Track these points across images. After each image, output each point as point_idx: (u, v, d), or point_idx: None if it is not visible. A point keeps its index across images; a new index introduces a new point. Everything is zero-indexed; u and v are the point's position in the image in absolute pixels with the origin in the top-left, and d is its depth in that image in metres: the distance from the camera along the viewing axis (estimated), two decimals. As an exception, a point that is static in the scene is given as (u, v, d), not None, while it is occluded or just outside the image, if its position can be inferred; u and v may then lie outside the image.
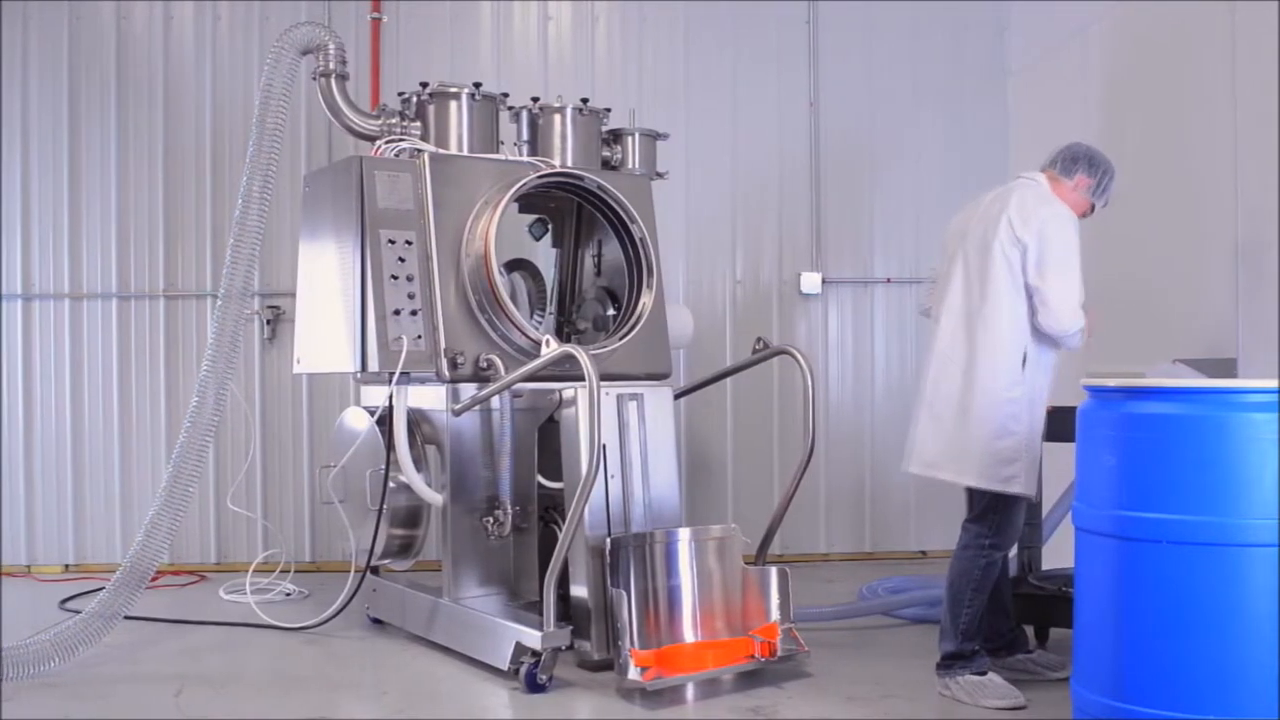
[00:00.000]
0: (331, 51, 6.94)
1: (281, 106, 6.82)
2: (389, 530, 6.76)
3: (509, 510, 6.55)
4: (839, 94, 9.47)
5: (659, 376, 7.00)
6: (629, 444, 6.42)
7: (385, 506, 6.60)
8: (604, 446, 6.13)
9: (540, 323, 7.41)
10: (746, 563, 6.32)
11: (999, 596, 5.91)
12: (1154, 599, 4.16)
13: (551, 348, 6.07)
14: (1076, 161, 5.72)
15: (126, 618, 6.47)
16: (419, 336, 6.42)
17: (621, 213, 7.01)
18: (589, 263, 7.60)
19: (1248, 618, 4.03)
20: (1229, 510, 4.06)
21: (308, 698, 5.76)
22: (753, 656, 5.93)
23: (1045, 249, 5.37)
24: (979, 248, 5.57)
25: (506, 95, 7.24)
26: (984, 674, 5.51)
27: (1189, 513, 4.09)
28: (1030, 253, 5.39)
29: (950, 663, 5.56)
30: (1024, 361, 5.46)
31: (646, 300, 6.99)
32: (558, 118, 7.20)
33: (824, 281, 9.39)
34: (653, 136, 7.58)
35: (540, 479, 6.74)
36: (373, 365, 6.39)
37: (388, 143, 6.83)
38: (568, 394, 6.26)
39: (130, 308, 8.98)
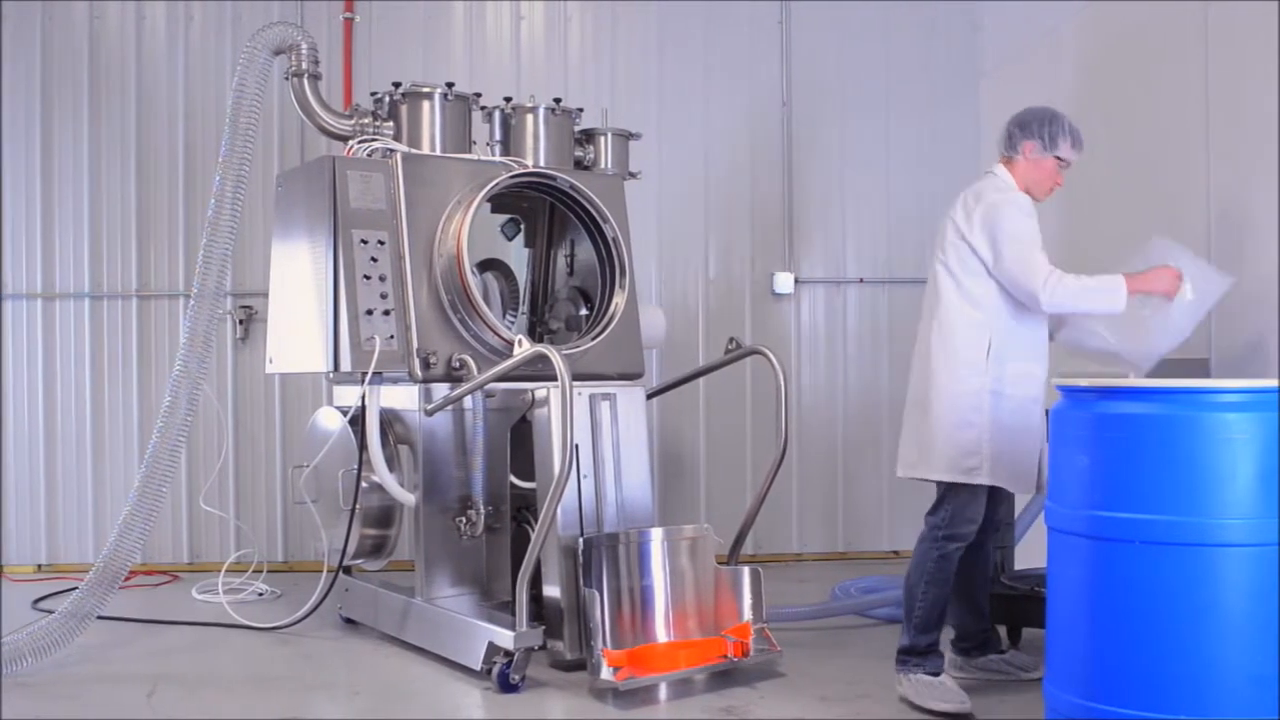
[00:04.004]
0: (304, 51, 6.94)
1: (254, 106, 6.81)
2: (361, 530, 6.75)
3: (482, 510, 6.56)
4: (811, 94, 9.49)
5: (632, 376, 7.01)
6: (601, 444, 6.43)
7: (358, 506, 6.60)
8: (576, 446, 6.16)
9: (513, 323, 7.40)
10: (719, 563, 6.32)
11: (974, 596, 5.93)
12: (1126, 599, 4.16)
13: (524, 348, 6.07)
14: (1012, 135, 5.71)
15: (99, 618, 6.45)
16: (391, 336, 6.42)
17: (594, 213, 7.02)
18: (561, 263, 7.60)
19: (1220, 618, 4.04)
20: (1201, 510, 4.07)
21: (280, 698, 5.76)
22: (725, 656, 5.94)
23: (994, 238, 5.42)
24: (938, 248, 5.66)
25: (479, 95, 7.24)
26: (938, 675, 5.48)
27: (1161, 513, 4.10)
28: (982, 250, 5.44)
29: (905, 658, 5.54)
30: (988, 353, 5.46)
31: (619, 300, 7.00)
32: (530, 118, 7.20)
33: (797, 281, 9.41)
34: (625, 136, 7.59)
35: (513, 479, 6.73)
36: (345, 365, 6.39)
37: (360, 143, 6.84)
38: (540, 394, 6.26)
39: (103, 308, 8.95)
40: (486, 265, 7.53)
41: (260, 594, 8.02)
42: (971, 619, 5.97)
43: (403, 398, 6.63)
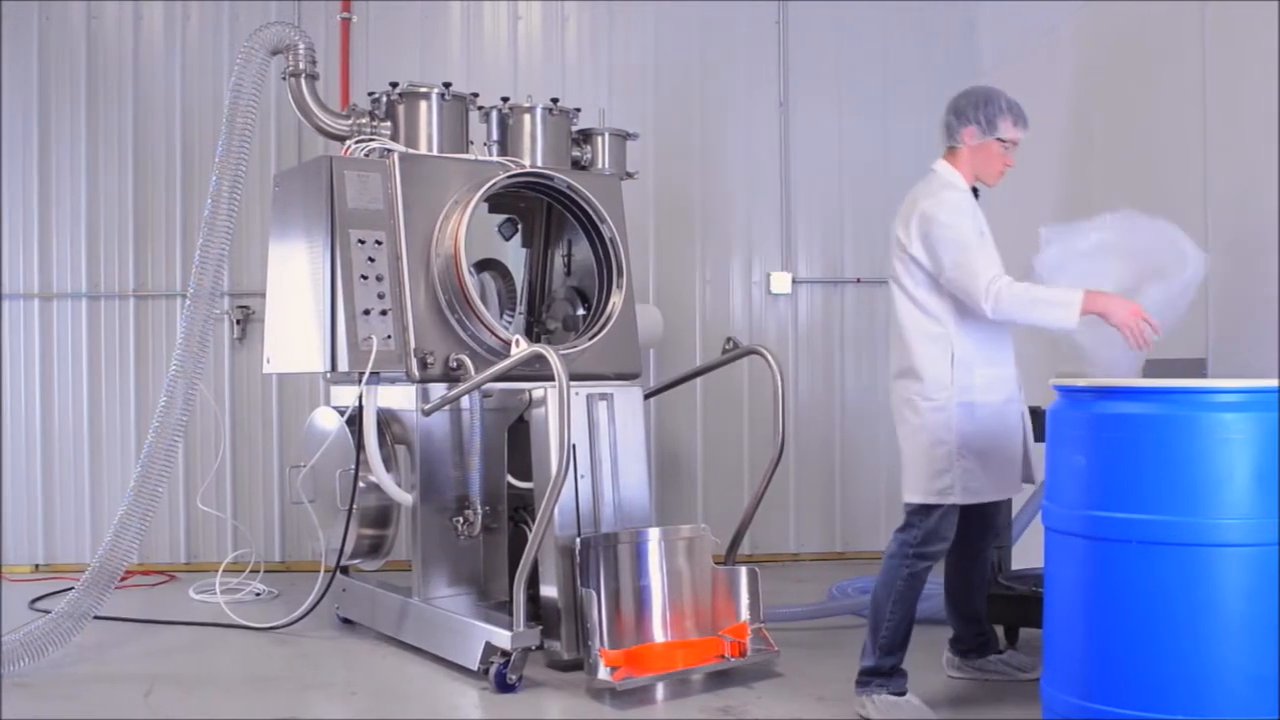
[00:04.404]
0: (301, 51, 6.95)
1: (251, 106, 6.81)
2: (358, 530, 6.76)
3: (479, 510, 6.56)
4: (809, 94, 9.49)
5: (629, 376, 7.01)
6: (599, 444, 6.43)
7: (355, 506, 6.60)
8: (574, 446, 6.16)
9: (510, 323, 7.40)
10: (716, 563, 6.32)
11: (971, 601, 5.88)
12: (1124, 599, 4.16)
13: (521, 348, 6.07)
14: (950, 124, 5.51)
15: (96, 618, 6.46)
16: (388, 336, 6.42)
17: (591, 213, 7.02)
18: (559, 263, 7.61)
19: (1217, 618, 4.03)
20: (1198, 510, 4.06)
21: (278, 698, 5.76)
22: (722, 656, 5.95)
23: (931, 247, 5.23)
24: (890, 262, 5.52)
25: (476, 95, 7.25)
26: (902, 694, 5.31)
27: (1159, 513, 4.09)
28: (925, 261, 5.26)
29: (868, 679, 5.34)
30: (952, 364, 5.29)
31: (616, 300, 7.00)
32: (527, 118, 7.20)
33: (794, 281, 9.41)
34: (622, 136, 7.59)
35: (510, 479, 6.74)
36: (342, 365, 6.39)
37: (357, 143, 6.84)
38: (537, 394, 6.26)
39: (100, 308, 8.95)
40: (484, 265, 7.53)
41: (257, 594, 8.02)
42: (968, 624, 5.91)
43: (400, 398, 6.63)
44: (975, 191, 5.52)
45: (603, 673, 5.56)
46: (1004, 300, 5.05)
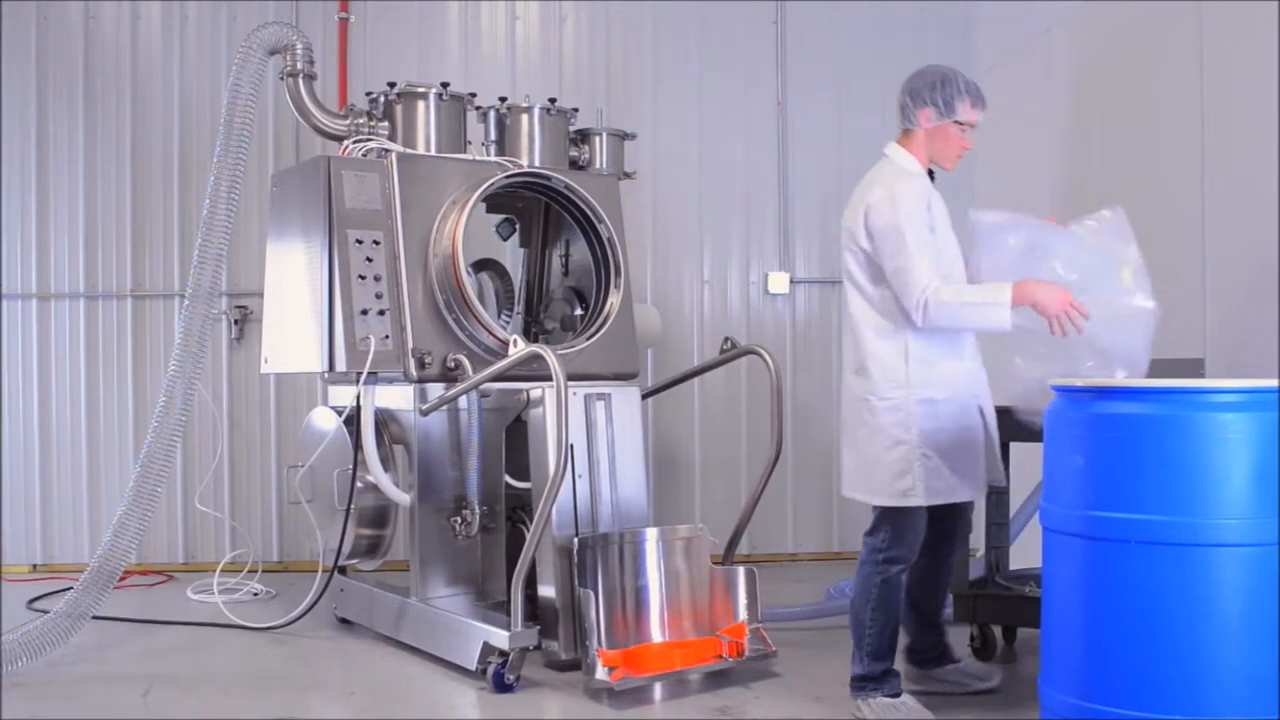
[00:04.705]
0: (299, 51, 6.95)
1: (249, 106, 6.80)
2: (356, 530, 6.76)
3: (476, 510, 6.56)
4: (807, 94, 9.49)
5: (626, 376, 7.01)
6: (596, 444, 6.43)
7: (353, 506, 6.60)
8: (571, 446, 6.15)
9: (508, 323, 7.41)
10: (714, 563, 6.33)
11: (929, 608, 5.74)
12: (1122, 599, 4.15)
13: (519, 348, 6.07)
14: (906, 106, 5.40)
15: (94, 618, 6.46)
16: (386, 336, 6.42)
17: (589, 213, 7.02)
18: (556, 263, 7.61)
19: (1215, 618, 4.03)
20: (1197, 510, 4.05)
21: (276, 697, 5.76)
22: (720, 656, 5.94)
23: (877, 245, 5.11)
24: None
25: (474, 95, 7.25)
26: (898, 695, 5.26)
27: (1157, 513, 4.09)
28: (873, 253, 5.14)
29: (861, 684, 5.29)
30: (907, 360, 5.16)
31: (614, 300, 7.00)
32: (525, 118, 7.20)
33: (792, 281, 9.42)
34: (620, 136, 7.59)
35: (508, 479, 6.74)
36: (340, 365, 6.38)
37: (355, 142, 6.83)
38: (535, 394, 6.26)
39: (98, 308, 8.95)
40: (481, 265, 7.53)
41: (255, 594, 8.02)
42: (926, 632, 5.77)
43: (398, 398, 6.63)
44: (931, 174, 5.41)
45: (600, 673, 5.56)
46: (930, 312, 4.96)
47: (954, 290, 5.02)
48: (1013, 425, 5.47)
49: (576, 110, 7.48)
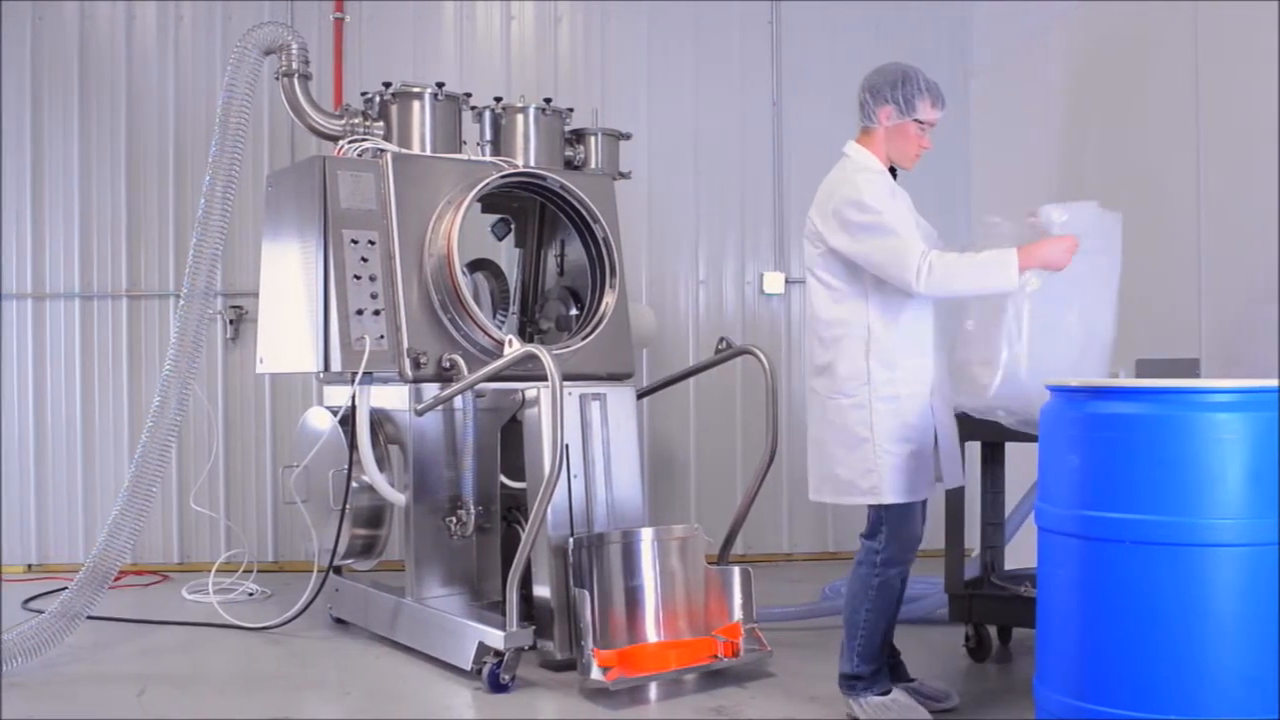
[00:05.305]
0: (294, 51, 6.94)
1: (244, 106, 6.80)
2: (352, 530, 6.76)
3: (472, 510, 6.55)
4: (802, 94, 9.48)
5: (621, 376, 7.01)
6: (591, 444, 6.43)
7: (348, 506, 6.61)
8: (566, 446, 6.16)
9: (503, 323, 7.42)
10: (709, 563, 6.32)
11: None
12: (1117, 599, 4.15)
13: (514, 348, 6.07)
14: (865, 103, 5.29)
15: (89, 618, 6.45)
16: (381, 336, 6.42)
17: (584, 213, 7.02)
18: (552, 263, 7.61)
19: (1211, 618, 4.03)
20: (1192, 510, 4.05)
21: (271, 698, 5.75)
22: (715, 656, 5.94)
23: (852, 234, 5.04)
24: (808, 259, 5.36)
25: (469, 95, 7.24)
26: (888, 693, 5.23)
27: (1153, 513, 4.08)
28: (847, 249, 5.07)
29: (852, 683, 5.25)
30: (867, 357, 5.10)
31: (609, 300, 7.00)
32: (520, 118, 7.20)
33: (787, 281, 9.41)
34: (615, 136, 7.59)
35: (503, 479, 6.74)
36: (335, 365, 6.39)
37: (351, 142, 6.83)
38: (530, 394, 6.26)
39: (93, 308, 8.94)
40: (477, 265, 7.54)
41: (250, 594, 8.01)
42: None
43: (393, 398, 6.63)
44: (894, 172, 5.36)
45: (596, 673, 5.56)
46: (936, 271, 4.87)
47: (955, 255, 4.95)
48: (971, 425, 5.49)
49: (572, 110, 7.48)
